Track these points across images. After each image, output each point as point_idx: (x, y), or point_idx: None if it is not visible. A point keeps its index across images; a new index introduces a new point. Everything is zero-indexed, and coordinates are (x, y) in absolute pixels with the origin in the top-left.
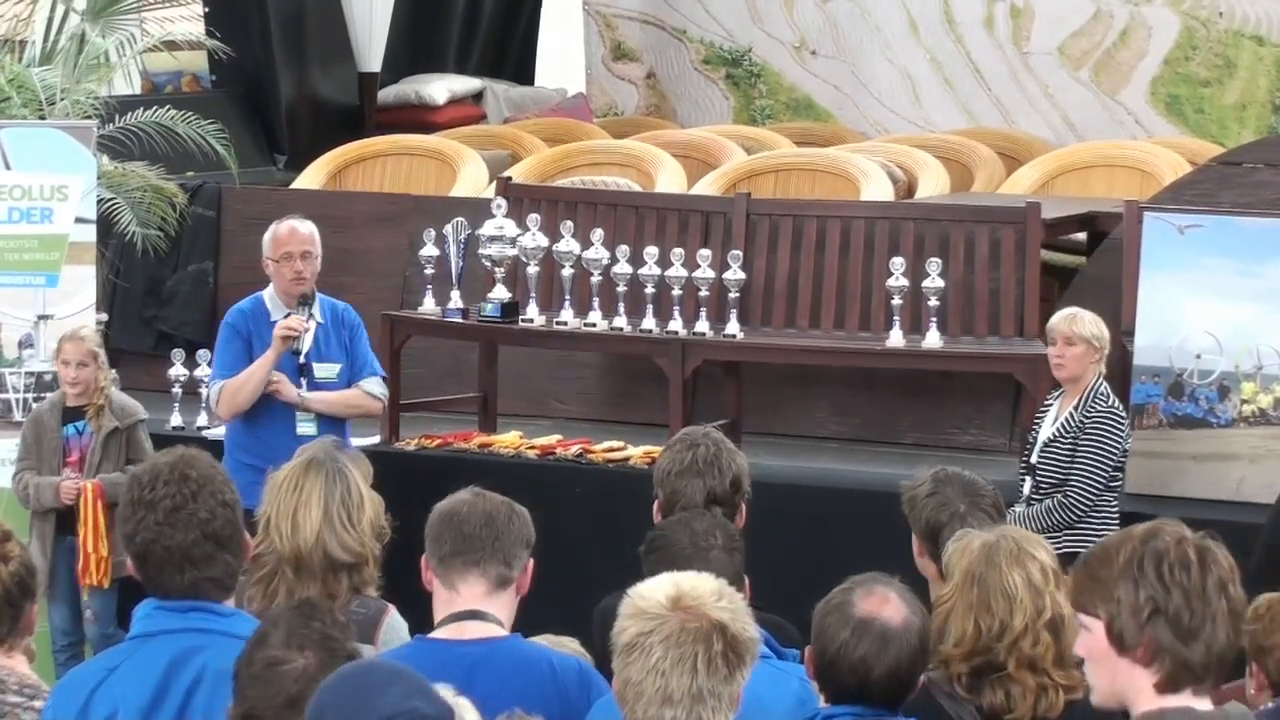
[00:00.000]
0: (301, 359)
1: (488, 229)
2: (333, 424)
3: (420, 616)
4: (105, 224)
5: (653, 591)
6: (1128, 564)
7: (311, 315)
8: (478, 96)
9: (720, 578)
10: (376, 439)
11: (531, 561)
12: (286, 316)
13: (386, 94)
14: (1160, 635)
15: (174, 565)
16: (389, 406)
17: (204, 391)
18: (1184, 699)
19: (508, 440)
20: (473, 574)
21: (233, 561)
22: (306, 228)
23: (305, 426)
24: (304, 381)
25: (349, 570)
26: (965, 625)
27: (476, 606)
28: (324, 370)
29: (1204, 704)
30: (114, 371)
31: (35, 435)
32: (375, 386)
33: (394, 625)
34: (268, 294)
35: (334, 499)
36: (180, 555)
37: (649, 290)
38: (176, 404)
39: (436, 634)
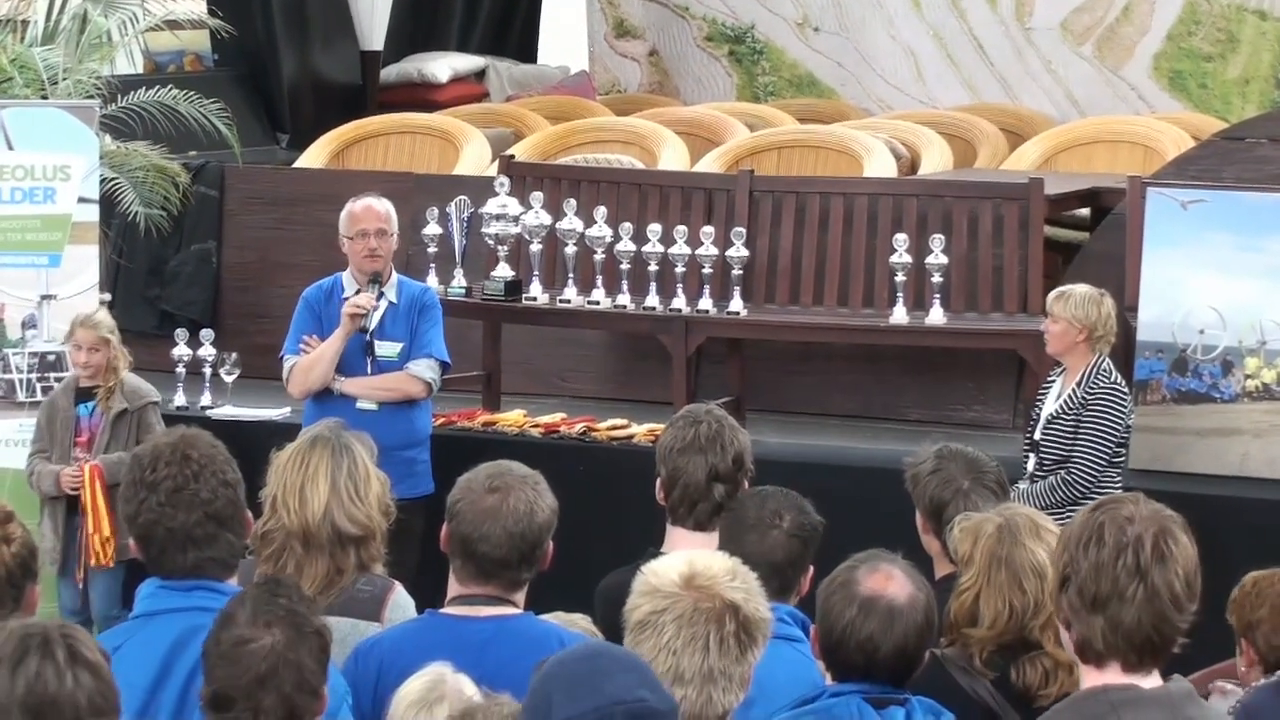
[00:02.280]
0: (368, 337)
1: (491, 207)
2: (398, 403)
3: (426, 593)
4: (108, 204)
5: (666, 570)
6: (1073, 530)
7: (382, 293)
8: (480, 74)
9: (769, 558)
10: None
11: (551, 545)
12: (356, 294)
13: (389, 72)
14: (1070, 602)
15: (176, 545)
16: None
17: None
18: (1113, 675)
19: (512, 418)
20: (493, 585)
21: (235, 541)
22: (382, 205)
23: (366, 403)
24: (369, 360)
25: (356, 544)
26: (999, 608)
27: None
28: (385, 349)
29: (1150, 680)
30: (127, 350)
31: (48, 419)
32: (423, 369)
33: (400, 602)
34: (345, 273)
35: (341, 473)
36: (183, 536)
37: (652, 268)
38: (180, 384)
39: (449, 609)
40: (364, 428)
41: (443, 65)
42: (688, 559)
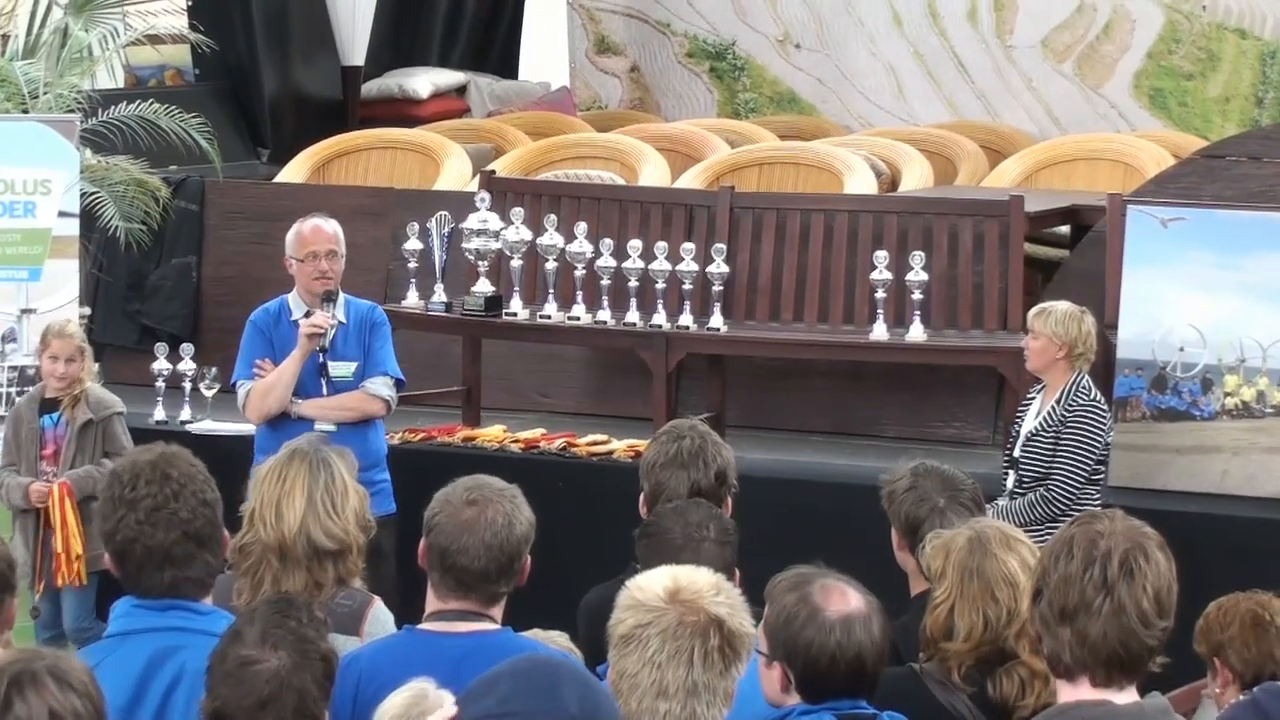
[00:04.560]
0: (322, 358)
1: (471, 222)
2: (355, 423)
3: (405, 608)
4: (88, 218)
5: (651, 584)
6: (1050, 543)
7: (334, 312)
8: (461, 90)
9: (710, 569)
10: None
11: (529, 559)
12: (307, 315)
13: (370, 87)
14: (1041, 614)
15: (154, 564)
16: None
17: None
18: (1085, 690)
19: (492, 434)
20: (471, 599)
21: (213, 561)
22: (331, 226)
23: (324, 425)
24: (324, 381)
25: (334, 558)
26: (973, 619)
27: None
28: (339, 369)
29: (1124, 697)
30: (96, 365)
31: (14, 431)
32: (380, 387)
33: (379, 617)
34: (291, 295)
35: (318, 487)
36: (161, 555)
37: (632, 284)
38: (160, 398)
39: (425, 625)
40: None
41: (424, 80)
42: (672, 574)
